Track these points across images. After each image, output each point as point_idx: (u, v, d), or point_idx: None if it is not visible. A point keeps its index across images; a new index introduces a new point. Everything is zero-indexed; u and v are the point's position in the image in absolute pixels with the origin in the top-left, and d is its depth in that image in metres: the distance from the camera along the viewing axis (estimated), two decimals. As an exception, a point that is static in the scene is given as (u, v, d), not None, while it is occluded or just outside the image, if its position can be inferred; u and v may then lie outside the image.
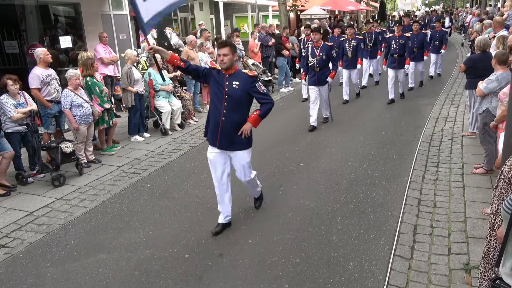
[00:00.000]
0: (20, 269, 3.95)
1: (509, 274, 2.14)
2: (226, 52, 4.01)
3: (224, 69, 4.10)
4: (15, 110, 5.77)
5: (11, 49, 8.88)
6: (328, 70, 7.97)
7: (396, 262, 3.77)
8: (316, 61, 7.80)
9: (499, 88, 5.05)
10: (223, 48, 4.02)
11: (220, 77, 4.14)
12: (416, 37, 11.03)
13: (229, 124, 4.12)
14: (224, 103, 4.08)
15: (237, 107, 4.12)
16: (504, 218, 2.17)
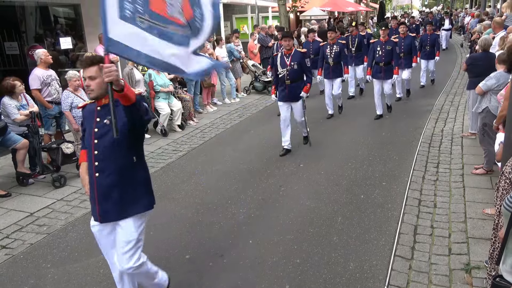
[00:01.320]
0: (21, 270, 3.96)
1: (510, 272, 2.14)
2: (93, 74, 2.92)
3: None
4: (18, 112, 5.79)
5: (12, 50, 8.90)
6: (302, 82, 6.64)
7: (396, 262, 3.77)
8: (286, 72, 6.50)
9: (497, 85, 5.08)
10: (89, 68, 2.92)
11: None
12: (403, 41, 9.81)
13: None
14: None
15: None
16: (504, 216, 2.18)
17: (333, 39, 8.91)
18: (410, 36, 10.08)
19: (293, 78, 6.51)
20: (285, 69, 6.50)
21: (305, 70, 6.61)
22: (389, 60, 8.38)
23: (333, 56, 8.81)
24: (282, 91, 6.63)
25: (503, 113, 4.40)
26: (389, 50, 8.36)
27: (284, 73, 6.51)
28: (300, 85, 6.56)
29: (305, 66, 6.57)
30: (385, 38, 8.48)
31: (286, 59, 6.50)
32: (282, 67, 6.52)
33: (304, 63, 6.56)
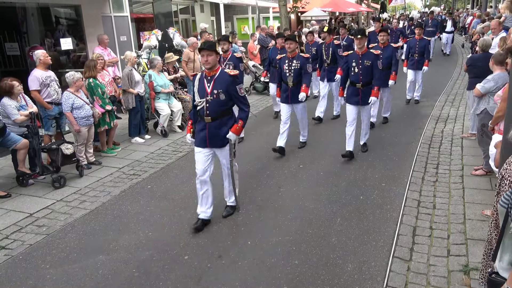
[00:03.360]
0: (20, 271, 3.96)
1: (507, 269, 2.14)
2: None
3: None
4: (18, 113, 5.81)
5: (12, 51, 8.92)
6: None
7: (395, 263, 3.77)
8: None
9: (495, 87, 5.07)
10: None
11: None
12: (382, 52, 7.12)
13: None
14: None
15: None
16: (500, 214, 2.19)
17: (293, 51, 6.58)
18: (390, 47, 8.00)
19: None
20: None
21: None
22: (369, 79, 6.30)
23: (293, 74, 6.57)
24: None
25: (499, 114, 4.40)
26: (368, 67, 6.24)
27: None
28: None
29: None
30: (362, 50, 6.28)
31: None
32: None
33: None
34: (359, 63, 6.28)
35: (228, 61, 7.11)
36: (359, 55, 6.30)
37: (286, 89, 6.63)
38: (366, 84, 6.29)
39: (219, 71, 4.41)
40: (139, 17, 13.04)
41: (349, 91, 6.43)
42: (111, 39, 9.99)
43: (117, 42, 10.67)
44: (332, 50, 8.61)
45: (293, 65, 6.54)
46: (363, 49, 6.30)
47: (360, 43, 6.23)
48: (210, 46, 4.26)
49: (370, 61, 6.23)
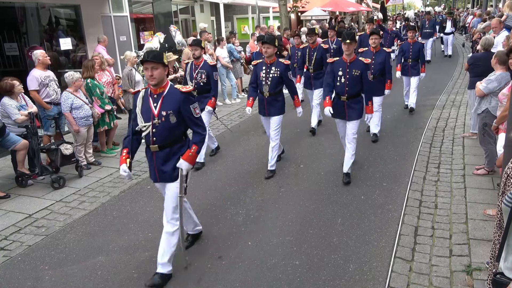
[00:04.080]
0: (19, 272, 3.94)
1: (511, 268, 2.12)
2: None
3: None
4: (19, 113, 5.78)
5: (12, 51, 8.90)
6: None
7: (397, 264, 3.74)
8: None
9: (498, 88, 5.02)
10: None
11: None
12: (373, 58, 6.88)
13: None
14: None
15: None
16: (504, 213, 2.16)
17: (271, 57, 5.65)
18: (383, 52, 7.04)
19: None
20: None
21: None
22: (357, 91, 5.45)
23: (269, 84, 5.69)
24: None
25: (505, 114, 4.35)
26: (357, 77, 5.37)
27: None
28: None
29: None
30: (351, 57, 5.38)
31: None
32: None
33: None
34: (346, 72, 5.37)
35: (201, 69, 6.19)
36: (346, 63, 5.37)
37: (263, 99, 5.79)
38: (352, 97, 5.42)
39: (168, 87, 3.57)
40: (139, 17, 13.01)
41: (333, 103, 5.53)
42: (110, 39, 9.97)
43: (117, 42, 10.64)
44: (319, 55, 7.72)
45: (271, 73, 5.64)
46: (352, 56, 5.38)
47: (349, 49, 5.28)
48: (155, 57, 3.43)
49: (359, 70, 5.35)
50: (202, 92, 6.21)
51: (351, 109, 5.45)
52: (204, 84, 6.19)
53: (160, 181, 3.71)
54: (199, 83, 6.19)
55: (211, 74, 6.17)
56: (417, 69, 8.70)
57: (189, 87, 3.63)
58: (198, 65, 6.22)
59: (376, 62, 6.94)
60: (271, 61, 5.66)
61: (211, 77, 6.17)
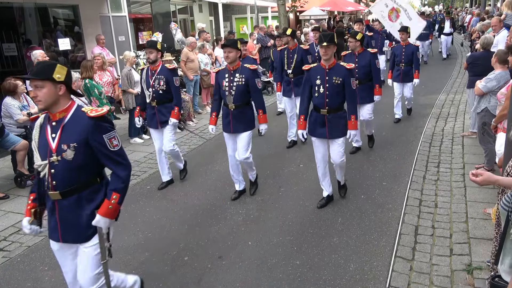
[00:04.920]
0: (18, 273, 3.92)
1: (508, 272, 2.12)
2: None
3: None
4: (21, 113, 5.78)
5: (10, 51, 8.88)
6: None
7: (397, 263, 3.73)
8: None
9: (498, 87, 5.02)
10: None
11: None
12: (357, 61, 6.18)
13: None
14: None
15: None
16: (501, 215, 2.16)
17: (234, 62, 4.82)
18: (367, 53, 6.22)
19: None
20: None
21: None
22: (339, 103, 4.61)
23: (233, 94, 4.85)
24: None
25: (504, 113, 4.35)
26: (338, 86, 4.52)
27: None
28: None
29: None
30: (330, 62, 4.53)
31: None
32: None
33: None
34: (325, 81, 4.51)
35: (158, 75, 5.31)
36: (325, 69, 4.53)
37: (227, 113, 4.92)
38: (334, 110, 4.56)
39: (72, 111, 2.64)
40: (138, 17, 13.00)
41: (312, 119, 4.68)
42: (109, 39, 9.96)
43: (116, 42, 10.62)
44: (299, 57, 6.82)
45: (235, 81, 4.80)
46: (331, 62, 4.54)
47: (326, 52, 4.44)
48: (37, 73, 2.54)
49: (340, 78, 4.48)
50: (163, 102, 5.39)
51: (334, 125, 4.57)
52: (164, 92, 5.35)
53: (64, 241, 2.72)
54: (158, 91, 5.35)
55: (170, 80, 5.33)
56: (410, 75, 7.88)
57: (101, 110, 2.65)
58: (155, 71, 5.34)
59: (360, 65, 6.19)
60: (234, 67, 4.83)
61: (171, 84, 5.34)
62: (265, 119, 5.03)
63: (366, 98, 6.33)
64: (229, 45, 4.75)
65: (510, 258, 2.08)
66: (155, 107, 5.41)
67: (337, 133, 4.60)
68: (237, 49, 4.75)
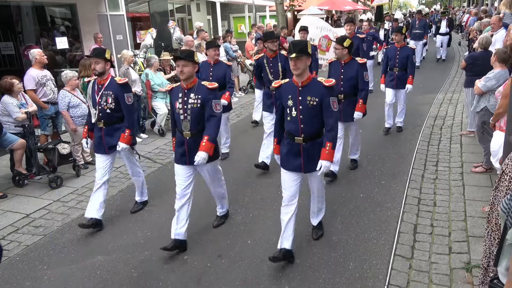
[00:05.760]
0: (17, 272, 3.91)
1: (504, 274, 2.13)
2: None
3: None
4: (19, 111, 5.76)
5: (7, 50, 8.85)
6: None
7: (396, 261, 3.74)
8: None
9: (497, 86, 5.04)
10: None
11: None
12: (342, 71, 5.37)
13: None
14: None
15: None
16: (501, 217, 2.17)
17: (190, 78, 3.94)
18: (356, 64, 5.32)
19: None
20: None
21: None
22: (318, 128, 3.71)
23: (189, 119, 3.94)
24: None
25: (499, 111, 4.38)
26: (314, 108, 3.60)
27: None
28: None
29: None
30: (303, 78, 3.60)
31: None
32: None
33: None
34: (298, 102, 3.61)
35: (106, 90, 4.49)
36: (298, 86, 3.62)
37: (181, 141, 4.04)
38: (312, 137, 3.69)
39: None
40: (135, 16, 12.97)
41: (285, 148, 3.81)
42: (107, 38, 9.93)
43: (113, 41, 10.59)
44: (283, 65, 5.92)
45: (190, 102, 3.90)
46: (305, 77, 3.59)
47: (297, 66, 3.49)
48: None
49: (316, 97, 3.57)
50: (112, 123, 4.53)
51: (311, 157, 3.71)
52: (112, 111, 4.48)
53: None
54: (104, 110, 4.46)
55: (121, 97, 4.48)
56: (405, 80, 7.14)
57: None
58: (102, 85, 4.48)
59: (346, 76, 5.31)
60: (189, 84, 3.92)
61: (121, 101, 4.49)
62: (207, 147, 3.87)
63: (351, 115, 5.38)
64: (184, 57, 3.83)
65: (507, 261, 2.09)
66: (102, 129, 4.57)
67: (313, 166, 3.70)
68: (194, 63, 3.89)
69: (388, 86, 7.35)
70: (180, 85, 3.99)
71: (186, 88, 3.94)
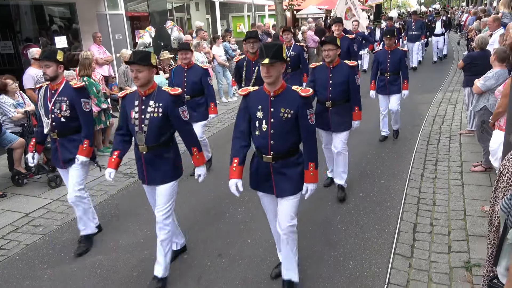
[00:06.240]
0: (17, 271, 3.91)
1: (504, 274, 2.13)
2: None
3: None
4: (15, 110, 5.75)
5: (6, 49, 8.83)
6: None
7: (396, 260, 3.75)
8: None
9: (496, 85, 5.05)
10: None
11: None
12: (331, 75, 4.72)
13: None
14: None
15: None
16: (501, 216, 2.17)
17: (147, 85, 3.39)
18: (345, 67, 4.71)
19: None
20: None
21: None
22: (290, 145, 3.17)
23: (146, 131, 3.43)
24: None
25: (499, 110, 4.39)
26: (289, 121, 3.09)
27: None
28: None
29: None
30: (276, 86, 3.08)
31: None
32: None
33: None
34: (269, 114, 3.08)
35: (59, 96, 3.97)
36: (269, 96, 3.09)
37: (139, 157, 3.58)
38: (283, 156, 3.15)
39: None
40: (134, 15, 12.97)
41: (254, 167, 3.32)
42: (106, 37, 9.92)
43: (112, 40, 10.59)
44: None
45: (149, 111, 3.37)
46: (278, 86, 3.06)
47: (270, 73, 2.95)
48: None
49: (291, 109, 3.05)
50: (67, 133, 4.03)
51: (283, 178, 3.19)
52: (67, 119, 3.97)
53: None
54: (58, 118, 3.95)
55: (77, 103, 3.94)
56: (397, 84, 6.65)
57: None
58: (56, 91, 3.97)
59: (335, 81, 4.69)
60: (147, 91, 3.38)
61: (77, 108, 3.95)
62: (201, 160, 3.65)
63: (341, 124, 4.83)
64: (137, 62, 3.24)
65: (507, 261, 2.09)
66: (57, 140, 4.06)
67: (288, 189, 3.18)
68: (150, 66, 3.31)
69: (380, 93, 6.83)
70: (137, 91, 3.43)
71: (143, 95, 3.38)
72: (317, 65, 4.94)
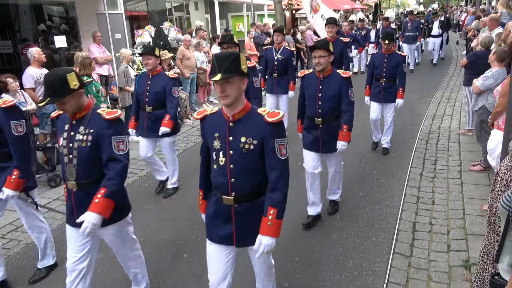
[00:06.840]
0: (17, 270, 3.92)
1: (507, 270, 2.14)
2: None
3: None
4: None
5: (5, 49, 8.82)
6: None
7: (395, 259, 3.76)
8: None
9: (495, 85, 5.06)
10: None
11: None
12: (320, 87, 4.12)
13: None
14: None
15: None
16: (501, 214, 2.18)
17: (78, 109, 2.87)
18: (338, 78, 4.08)
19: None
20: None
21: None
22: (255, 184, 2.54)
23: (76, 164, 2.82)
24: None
25: (497, 110, 4.40)
26: (252, 153, 2.45)
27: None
28: None
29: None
30: (236, 109, 2.45)
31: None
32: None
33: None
34: (228, 143, 2.49)
35: None
36: (228, 120, 2.50)
37: (69, 194, 2.93)
38: (246, 197, 2.55)
39: None
40: (133, 15, 12.96)
41: (212, 209, 2.74)
42: (105, 36, 9.91)
43: (112, 39, 10.58)
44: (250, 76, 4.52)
45: (77, 139, 2.81)
46: (239, 108, 2.47)
47: (226, 92, 2.36)
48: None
49: (255, 139, 2.45)
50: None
51: (246, 225, 2.60)
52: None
53: None
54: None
55: (5, 126, 3.29)
56: (393, 92, 6.12)
57: None
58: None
59: (326, 95, 4.09)
60: (78, 114, 2.86)
61: (6, 132, 3.29)
62: (102, 206, 2.69)
63: (333, 145, 4.23)
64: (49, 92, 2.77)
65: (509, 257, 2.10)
66: None
67: (251, 238, 2.53)
68: (70, 92, 2.74)
69: (373, 100, 6.26)
70: (67, 115, 2.86)
71: (74, 119, 2.82)
72: (307, 73, 4.30)
